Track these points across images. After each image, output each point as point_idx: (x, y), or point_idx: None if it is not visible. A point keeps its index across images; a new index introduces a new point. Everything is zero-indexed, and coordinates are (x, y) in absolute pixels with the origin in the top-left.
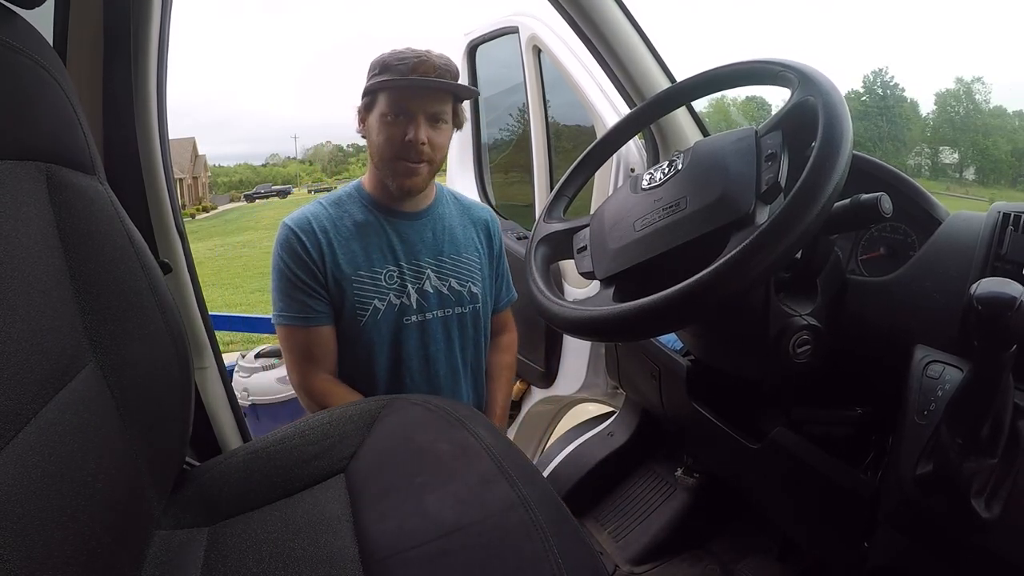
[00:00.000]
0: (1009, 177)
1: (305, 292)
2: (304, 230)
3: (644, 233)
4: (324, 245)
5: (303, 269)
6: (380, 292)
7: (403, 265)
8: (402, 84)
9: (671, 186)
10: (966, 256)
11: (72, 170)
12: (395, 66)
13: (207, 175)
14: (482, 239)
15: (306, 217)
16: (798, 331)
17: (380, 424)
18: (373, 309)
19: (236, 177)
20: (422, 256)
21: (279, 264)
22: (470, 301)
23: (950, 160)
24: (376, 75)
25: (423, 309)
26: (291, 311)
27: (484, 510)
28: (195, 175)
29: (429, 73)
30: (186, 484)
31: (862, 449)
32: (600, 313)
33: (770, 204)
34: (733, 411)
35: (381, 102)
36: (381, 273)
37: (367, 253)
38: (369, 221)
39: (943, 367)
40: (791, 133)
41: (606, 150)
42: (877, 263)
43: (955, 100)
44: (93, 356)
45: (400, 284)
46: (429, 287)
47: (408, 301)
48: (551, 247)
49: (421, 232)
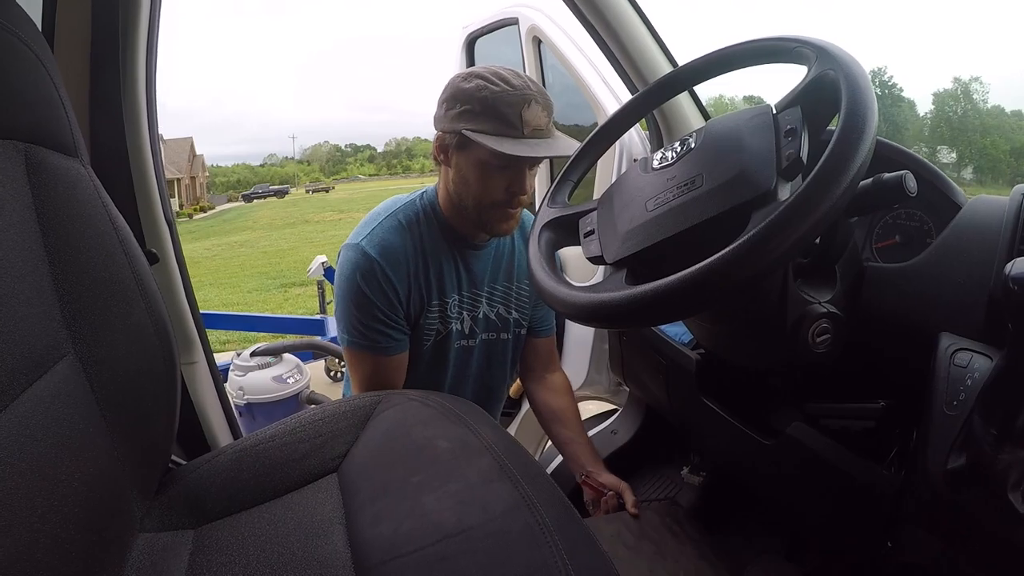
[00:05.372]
0: (1007, 176)
1: (384, 323)
2: (389, 262)
3: (657, 213)
4: (407, 278)
5: (384, 301)
6: (444, 319)
7: (464, 293)
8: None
9: (685, 164)
10: (990, 240)
11: (53, 151)
12: (501, 112)
13: (205, 175)
14: None
15: (390, 248)
16: (817, 319)
17: (375, 420)
18: (435, 333)
19: (234, 177)
20: (481, 285)
21: (357, 292)
22: (514, 327)
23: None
24: (469, 112)
25: (473, 335)
26: (366, 340)
27: (486, 511)
28: (193, 175)
29: (540, 123)
30: (171, 484)
31: (884, 444)
32: (612, 298)
33: (792, 181)
34: (745, 406)
35: (481, 149)
36: (449, 302)
37: (440, 282)
38: (442, 248)
39: (971, 355)
40: (810, 109)
41: (610, 135)
42: (892, 251)
43: (953, 100)
44: (72, 347)
45: (458, 312)
46: (481, 314)
47: (461, 327)
48: (556, 232)
49: (484, 261)
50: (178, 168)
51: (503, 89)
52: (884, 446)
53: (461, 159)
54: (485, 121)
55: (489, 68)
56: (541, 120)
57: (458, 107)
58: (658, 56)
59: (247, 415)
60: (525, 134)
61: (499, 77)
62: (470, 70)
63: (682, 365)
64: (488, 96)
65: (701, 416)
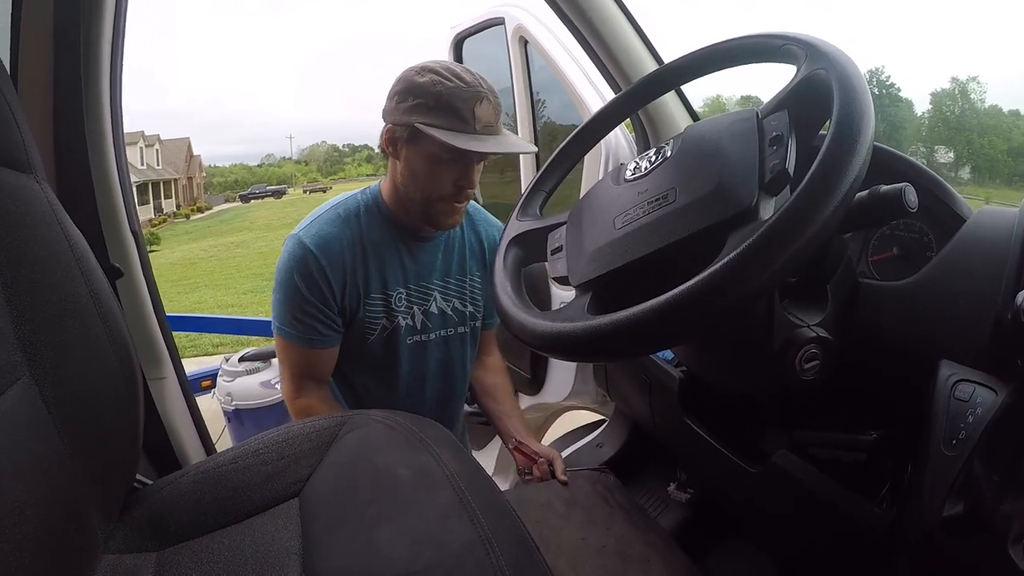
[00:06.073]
0: (1005, 176)
1: (315, 317)
2: (325, 254)
3: (625, 231)
4: (343, 271)
5: (317, 295)
6: (389, 314)
7: (412, 287)
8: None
9: (658, 175)
10: (997, 258)
11: (4, 168)
12: (454, 107)
13: (202, 175)
14: (487, 257)
15: (327, 239)
16: (806, 344)
17: (338, 444)
18: (381, 328)
19: (232, 177)
20: (431, 278)
21: (290, 284)
22: (470, 319)
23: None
24: (421, 105)
25: (426, 330)
26: (296, 330)
27: (441, 550)
28: (190, 175)
29: (491, 119)
30: (136, 504)
31: (877, 478)
32: (569, 329)
33: (776, 196)
34: (730, 429)
35: (432, 143)
36: (392, 295)
37: (382, 275)
38: (386, 241)
39: (974, 387)
40: (799, 113)
41: (588, 139)
42: (890, 265)
43: (950, 99)
44: (27, 369)
45: (407, 305)
46: (435, 308)
47: (412, 322)
48: (524, 248)
49: (433, 254)
50: (175, 168)
51: (457, 85)
52: (876, 481)
53: (411, 152)
54: (438, 115)
55: (442, 63)
56: (492, 117)
57: (411, 100)
58: (643, 55)
59: (235, 421)
60: (477, 130)
61: (452, 73)
62: (423, 64)
63: (665, 383)
64: (442, 91)
65: (684, 437)
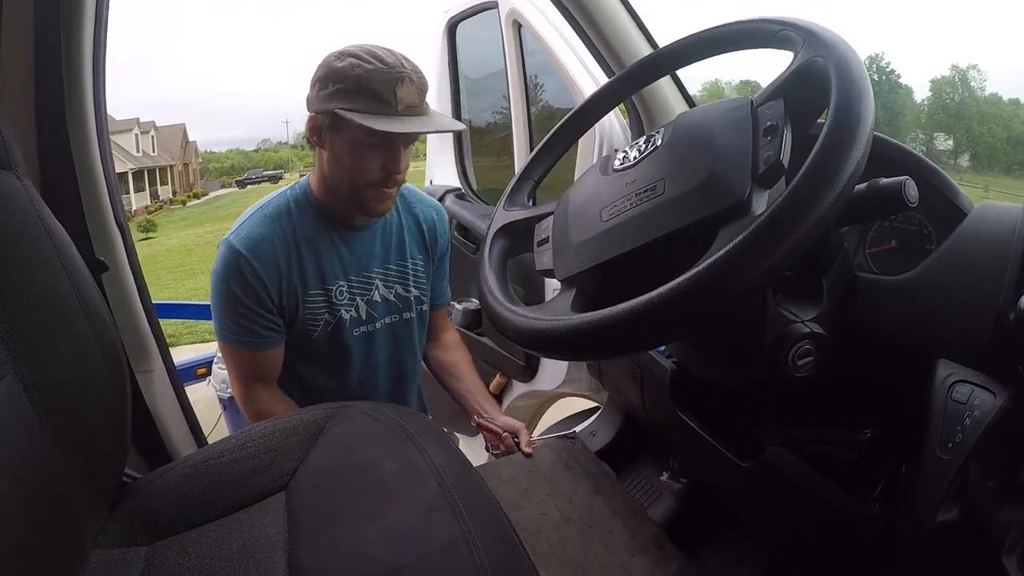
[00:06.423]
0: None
1: (253, 320)
2: (256, 256)
3: (611, 224)
4: (277, 271)
5: (253, 298)
6: (331, 308)
7: (352, 278)
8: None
9: (647, 166)
10: (999, 255)
11: None
12: (374, 89)
13: (198, 161)
14: (427, 239)
15: (256, 241)
16: (800, 340)
17: (325, 437)
18: (324, 323)
19: (228, 163)
20: (371, 267)
21: (225, 290)
22: (416, 304)
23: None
24: (342, 91)
25: (372, 319)
26: (237, 334)
27: (424, 547)
28: (186, 161)
29: (414, 100)
30: (125, 499)
31: (870, 478)
32: (551, 326)
33: (770, 189)
34: (722, 423)
35: (354, 128)
36: (332, 289)
37: (319, 271)
38: (319, 235)
39: (972, 389)
40: (795, 102)
41: (579, 125)
42: (887, 257)
43: (950, 87)
44: (11, 367)
45: (349, 298)
46: (377, 296)
47: (357, 314)
48: (510, 239)
49: (370, 243)
50: (171, 155)
51: (376, 67)
52: (870, 480)
53: (335, 140)
54: (358, 99)
55: (363, 47)
56: (415, 97)
57: (331, 87)
58: (638, 38)
59: (231, 408)
60: (399, 111)
61: (372, 55)
62: (343, 49)
63: (657, 374)
64: (361, 74)
65: (676, 428)
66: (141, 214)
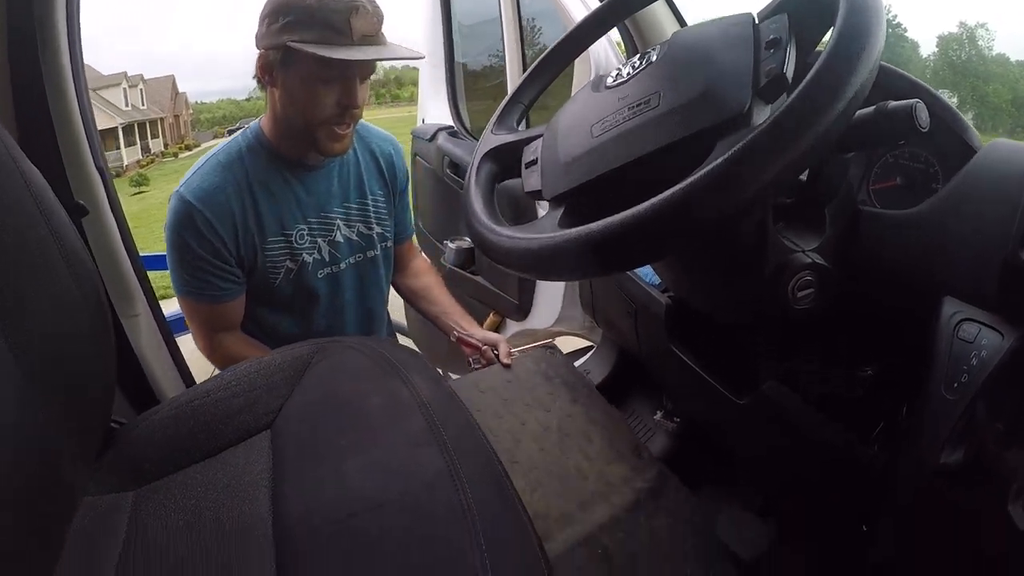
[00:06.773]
0: (1007, 126)
1: (210, 272)
2: (209, 207)
3: (603, 139)
4: (232, 220)
5: (209, 250)
6: (292, 253)
7: (312, 221)
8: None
9: (641, 80)
10: (1010, 194)
11: None
12: (327, 19)
13: (189, 112)
14: (385, 175)
15: (207, 191)
16: (800, 270)
17: (310, 372)
18: (286, 270)
19: (219, 113)
20: (330, 207)
21: (180, 243)
22: (380, 241)
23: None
24: (293, 23)
25: (336, 260)
26: (195, 288)
27: (408, 482)
28: (176, 113)
29: (370, 29)
30: (114, 444)
31: (870, 417)
32: (535, 243)
33: (772, 103)
34: (718, 358)
35: (307, 61)
36: (292, 233)
37: (277, 216)
38: (275, 178)
39: (979, 328)
40: (800, 17)
41: (571, 49)
42: (892, 194)
43: (957, 44)
44: None
45: (311, 241)
46: (340, 237)
47: (320, 255)
48: (498, 162)
49: (327, 182)
50: (161, 107)
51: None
52: (869, 420)
53: (287, 75)
54: (310, 30)
55: None
56: (371, 27)
57: (281, 20)
58: None
59: None
60: (355, 40)
61: None
62: None
63: (651, 309)
64: (313, 4)
65: (671, 365)
66: (132, 168)
